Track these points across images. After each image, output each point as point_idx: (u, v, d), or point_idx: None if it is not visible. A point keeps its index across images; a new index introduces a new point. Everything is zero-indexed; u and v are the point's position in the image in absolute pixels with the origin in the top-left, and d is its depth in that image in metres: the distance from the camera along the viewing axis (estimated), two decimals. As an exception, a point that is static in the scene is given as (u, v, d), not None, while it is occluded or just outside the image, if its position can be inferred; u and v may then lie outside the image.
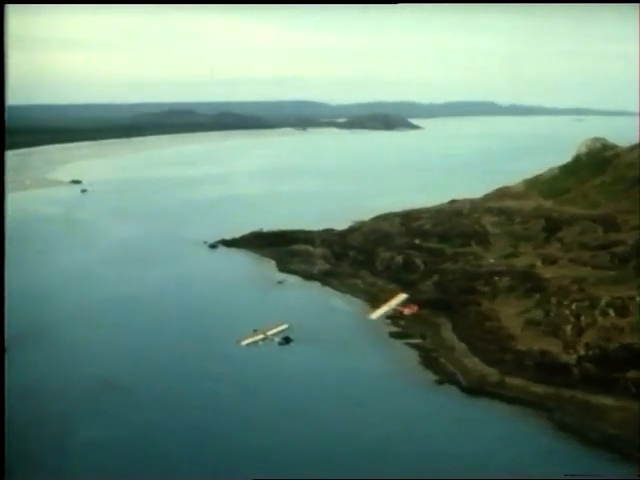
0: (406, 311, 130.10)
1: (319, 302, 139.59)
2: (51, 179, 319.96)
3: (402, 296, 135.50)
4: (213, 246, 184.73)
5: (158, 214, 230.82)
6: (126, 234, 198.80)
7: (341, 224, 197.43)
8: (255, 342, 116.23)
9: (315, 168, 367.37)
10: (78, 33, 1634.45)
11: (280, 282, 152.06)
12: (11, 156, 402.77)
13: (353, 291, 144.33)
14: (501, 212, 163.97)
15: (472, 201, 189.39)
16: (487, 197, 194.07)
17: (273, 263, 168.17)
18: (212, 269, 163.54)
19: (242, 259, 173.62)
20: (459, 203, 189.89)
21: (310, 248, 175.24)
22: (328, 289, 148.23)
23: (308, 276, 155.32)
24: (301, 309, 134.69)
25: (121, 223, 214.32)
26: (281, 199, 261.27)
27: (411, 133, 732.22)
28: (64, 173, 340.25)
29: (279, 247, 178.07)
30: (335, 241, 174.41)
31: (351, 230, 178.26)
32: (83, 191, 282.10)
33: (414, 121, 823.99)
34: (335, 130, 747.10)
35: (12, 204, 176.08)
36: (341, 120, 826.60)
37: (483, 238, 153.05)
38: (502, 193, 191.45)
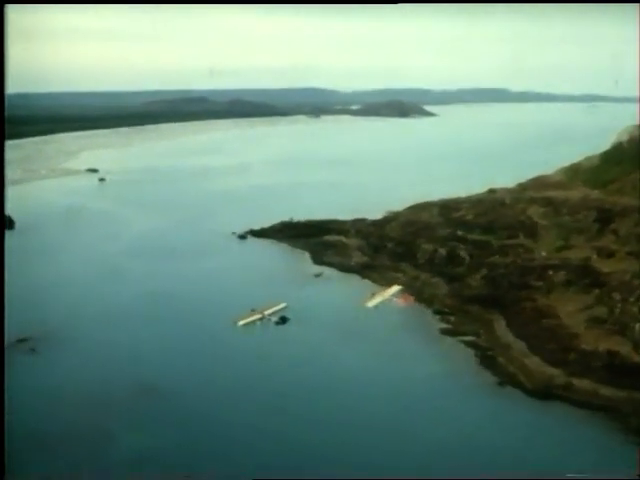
0: (402, 302, 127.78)
1: (361, 296, 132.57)
2: (67, 168, 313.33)
3: (397, 287, 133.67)
4: (242, 237, 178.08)
5: (181, 204, 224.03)
6: (150, 225, 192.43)
7: (371, 214, 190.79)
8: (252, 322, 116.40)
9: (334, 156, 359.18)
10: (89, 22, 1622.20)
11: (317, 275, 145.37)
12: (25, 144, 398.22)
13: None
14: (547, 202, 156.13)
15: (511, 191, 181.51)
16: (523, 186, 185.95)
17: (307, 255, 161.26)
18: (244, 261, 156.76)
19: (274, 250, 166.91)
20: (499, 193, 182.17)
21: (344, 239, 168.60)
22: (368, 282, 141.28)
23: (345, 269, 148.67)
24: (344, 304, 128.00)
25: (143, 214, 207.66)
26: (305, 188, 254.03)
27: (427, 120, 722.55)
28: (80, 162, 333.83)
29: (311, 238, 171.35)
30: (370, 232, 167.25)
31: (387, 221, 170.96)
32: (101, 180, 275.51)
33: (427, 108, 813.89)
34: (349, 117, 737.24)
35: (29, 194, 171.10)
36: (354, 107, 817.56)
37: (531, 230, 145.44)
38: (540, 183, 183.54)
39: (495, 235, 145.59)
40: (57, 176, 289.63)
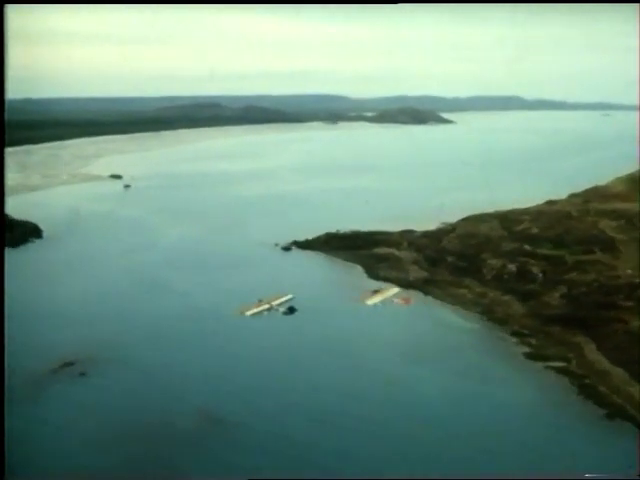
0: (402, 302, 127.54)
1: (428, 316, 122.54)
2: (88, 174, 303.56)
3: (395, 289, 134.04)
4: (286, 249, 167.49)
5: (211, 211, 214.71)
6: (185, 234, 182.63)
7: (416, 224, 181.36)
8: (260, 312, 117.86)
9: (360, 163, 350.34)
10: (100, 26, 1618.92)
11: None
12: (39, 150, 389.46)
13: (460, 302, 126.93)
14: (618, 215, 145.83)
15: (572, 202, 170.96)
16: (584, 198, 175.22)
17: (359, 269, 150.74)
18: (294, 276, 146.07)
19: (324, 264, 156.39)
20: (559, 204, 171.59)
21: (395, 252, 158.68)
22: (431, 299, 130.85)
23: (404, 284, 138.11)
24: (411, 324, 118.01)
25: (175, 221, 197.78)
26: (337, 196, 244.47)
27: (445, 127, 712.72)
28: (100, 167, 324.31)
29: (360, 250, 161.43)
30: (424, 245, 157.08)
31: (442, 233, 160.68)
32: (126, 186, 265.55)
33: (442, 115, 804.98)
34: (365, 124, 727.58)
35: (53, 200, 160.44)
36: (370, 114, 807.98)
37: (608, 245, 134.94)
38: (601, 194, 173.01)
39: (568, 250, 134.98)
40: (79, 182, 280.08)
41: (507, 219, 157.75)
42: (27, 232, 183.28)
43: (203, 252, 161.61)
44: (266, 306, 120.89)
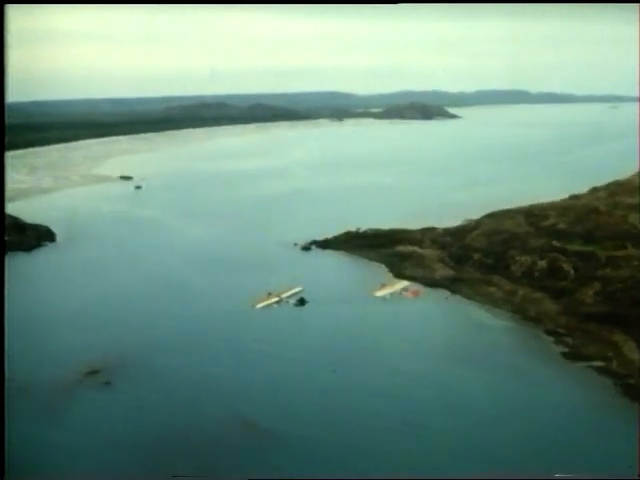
0: (411, 295, 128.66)
1: (459, 315, 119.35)
2: (98, 175, 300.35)
3: (404, 282, 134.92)
4: (306, 248, 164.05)
5: (228, 211, 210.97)
6: (203, 235, 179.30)
7: (437, 221, 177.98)
8: (269, 305, 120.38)
9: (374, 159, 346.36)
10: (99, 28, 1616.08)
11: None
12: (48, 151, 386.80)
13: (490, 300, 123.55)
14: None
15: (597, 197, 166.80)
16: (610, 192, 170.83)
17: (384, 267, 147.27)
18: (317, 276, 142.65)
19: (346, 263, 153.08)
20: (584, 199, 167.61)
21: (418, 250, 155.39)
22: (460, 298, 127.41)
23: (431, 282, 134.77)
24: (443, 324, 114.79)
25: (192, 222, 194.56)
26: (354, 192, 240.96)
27: (453, 122, 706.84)
28: (110, 168, 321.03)
29: (381, 249, 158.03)
30: (448, 242, 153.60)
31: (466, 230, 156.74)
32: (137, 187, 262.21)
33: (449, 110, 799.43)
34: (372, 120, 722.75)
35: (64, 202, 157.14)
36: (376, 110, 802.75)
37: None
38: (626, 188, 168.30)
39: (599, 245, 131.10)
40: (89, 183, 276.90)
41: (532, 214, 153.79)
42: (40, 235, 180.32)
43: (222, 253, 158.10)
44: (275, 299, 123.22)
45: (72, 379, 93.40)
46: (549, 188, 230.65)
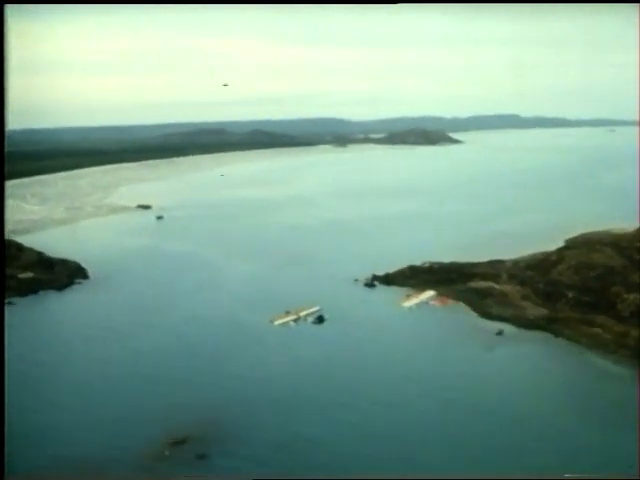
0: (439, 304, 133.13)
1: (571, 361, 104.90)
2: (113, 204, 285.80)
3: (431, 292, 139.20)
4: (369, 285, 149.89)
5: (263, 244, 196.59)
6: (247, 270, 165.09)
7: (494, 253, 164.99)
8: (286, 322, 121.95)
9: (396, 187, 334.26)
10: (93, 56, 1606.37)
11: (499, 333, 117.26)
12: (54, 180, 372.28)
13: (599, 344, 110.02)
14: None
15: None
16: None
17: (462, 306, 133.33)
18: (392, 317, 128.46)
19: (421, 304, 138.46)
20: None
21: (496, 285, 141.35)
22: (564, 342, 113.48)
23: (524, 324, 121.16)
24: (560, 374, 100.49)
25: (231, 256, 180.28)
26: (390, 223, 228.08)
27: (459, 147, 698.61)
28: (123, 198, 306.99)
29: (453, 285, 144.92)
30: (530, 277, 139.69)
31: (547, 263, 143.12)
32: (159, 218, 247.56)
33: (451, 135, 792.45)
34: (376, 146, 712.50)
35: (86, 234, 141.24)
36: (377, 136, 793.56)
37: None
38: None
39: None
40: (106, 214, 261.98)
41: (620, 246, 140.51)
42: (71, 273, 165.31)
43: (277, 292, 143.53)
44: (293, 316, 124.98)
45: (154, 452, 78.23)
46: (590, 215, 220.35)
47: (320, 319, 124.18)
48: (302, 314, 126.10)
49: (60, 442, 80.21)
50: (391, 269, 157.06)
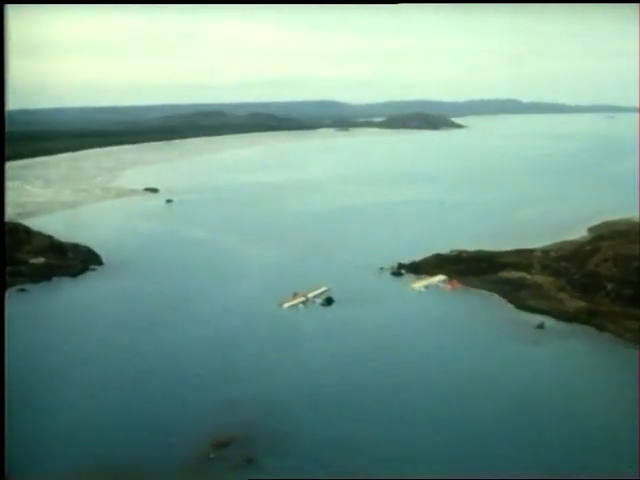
0: (450, 287, 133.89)
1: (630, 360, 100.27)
2: (121, 187, 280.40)
3: (441, 277, 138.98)
4: (397, 274, 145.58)
5: (282, 231, 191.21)
6: (271, 258, 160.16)
7: (521, 242, 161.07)
8: (295, 305, 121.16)
9: (408, 172, 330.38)
10: (92, 38, 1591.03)
11: (539, 326, 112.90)
12: (58, 162, 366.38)
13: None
14: None
15: None
16: None
17: (497, 297, 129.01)
18: (424, 307, 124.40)
19: (452, 294, 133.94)
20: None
21: (527, 276, 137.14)
22: (609, 336, 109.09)
23: (564, 317, 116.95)
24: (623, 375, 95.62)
25: (251, 243, 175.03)
26: (408, 210, 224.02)
27: (462, 132, 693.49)
28: (129, 180, 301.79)
29: (483, 275, 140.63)
30: (565, 268, 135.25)
31: (585, 254, 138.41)
32: (168, 201, 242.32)
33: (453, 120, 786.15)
34: (378, 130, 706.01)
35: (97, 217, 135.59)
36: (379, 119, 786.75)
37: None
38: None
39: None
40: (114, 197, 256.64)
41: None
42: (84, 258, 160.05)
43: (307, 281, 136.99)
44: (302, 298, 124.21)
45: (197, 454, 73.58)
46: (612, 204, 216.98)
47: (329, 301, 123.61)
48: (310, 296, 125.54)
49: (99, 441, 75.70)
50: (416, 257, 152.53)
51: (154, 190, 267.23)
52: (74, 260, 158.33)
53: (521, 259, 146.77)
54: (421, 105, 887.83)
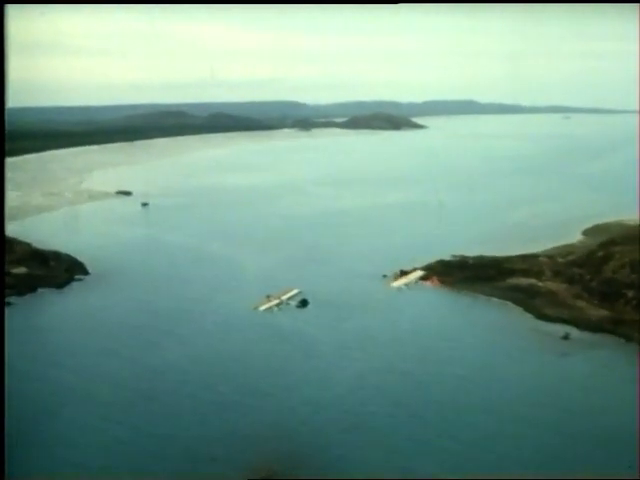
0: (430, 284, 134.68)
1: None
2: (92, 190, 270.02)
3: (419, 272, 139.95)
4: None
5: (267, 235, 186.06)
6: (262, 265, 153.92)
7: (522, 246, 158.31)
8: (270, 308, 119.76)
9: (383, 174, 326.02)
10: (53, 37, 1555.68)
11: (565, 337, 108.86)
12: (23, 163, 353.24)
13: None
14: None
15: None
16: None
17: (511, 305, 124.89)
18: (435, 317, 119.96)
19: (459, 300, 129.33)
20: None
21: (539, 283, 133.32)
22: (636, 346, 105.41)
23: (587, 326, 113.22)
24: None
25: (239, 250, 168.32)
26: (395, 214, 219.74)
27: (425, 132, 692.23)
28: (100, 183, 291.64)
29: (491, 282, 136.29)
30: (579, 274, 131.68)
31: (598, 260, 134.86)
32: (144, 205, 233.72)
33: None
34: (341, 130, 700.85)
35: (72, 222, 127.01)
36: (340, 120, 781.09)
37: None
38: None
39: None
40: (86, 200, 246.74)
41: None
42: (68, 267, 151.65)
43: (303, 290, 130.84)
44: (276, 301, 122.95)
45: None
46: (601, 204, 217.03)
47: (304, 303, 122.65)
48: (283, 298, 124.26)
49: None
50: (417, 264, 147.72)
51: (127, 193, 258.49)
52: (58, 270, 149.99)
53: (528, 265, 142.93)
54: (378, 106, 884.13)
